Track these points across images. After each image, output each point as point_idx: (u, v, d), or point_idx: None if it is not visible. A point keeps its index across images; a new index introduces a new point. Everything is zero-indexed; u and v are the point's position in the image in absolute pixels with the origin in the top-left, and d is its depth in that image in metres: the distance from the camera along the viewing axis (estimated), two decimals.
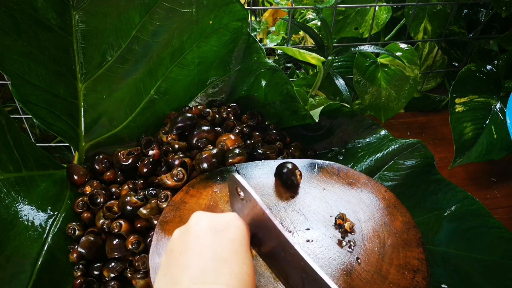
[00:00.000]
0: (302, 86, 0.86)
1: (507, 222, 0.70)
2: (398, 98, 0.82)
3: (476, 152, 0.73)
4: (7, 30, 0.52)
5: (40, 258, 0.48)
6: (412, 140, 0.58)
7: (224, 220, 0.32)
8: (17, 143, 0.53)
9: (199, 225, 0.31)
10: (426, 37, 0.91)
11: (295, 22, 0.84)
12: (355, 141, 0.64)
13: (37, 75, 0.56)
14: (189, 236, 0.31)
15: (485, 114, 0.76)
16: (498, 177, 0.80)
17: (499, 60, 0.82)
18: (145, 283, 0.47)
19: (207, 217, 0.32)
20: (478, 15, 0.97)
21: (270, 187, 0.48)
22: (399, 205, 0.46)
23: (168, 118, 0.66)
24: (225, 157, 0.54)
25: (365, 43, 0.86)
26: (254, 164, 0.52)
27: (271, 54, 1.14)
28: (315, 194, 0.48)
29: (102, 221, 0.52)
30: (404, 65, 0.80)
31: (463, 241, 0.51)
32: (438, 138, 0.91)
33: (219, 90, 0.70)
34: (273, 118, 0.69)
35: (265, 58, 0.65)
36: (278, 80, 0.64)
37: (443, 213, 0.54)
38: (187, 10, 0.60)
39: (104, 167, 0.59)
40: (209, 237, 0.30)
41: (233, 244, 0.30)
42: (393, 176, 0.57)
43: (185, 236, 0.31)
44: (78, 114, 0.62)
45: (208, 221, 0.32)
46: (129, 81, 0.62)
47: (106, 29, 0.58)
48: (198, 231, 0.31)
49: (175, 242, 0.32)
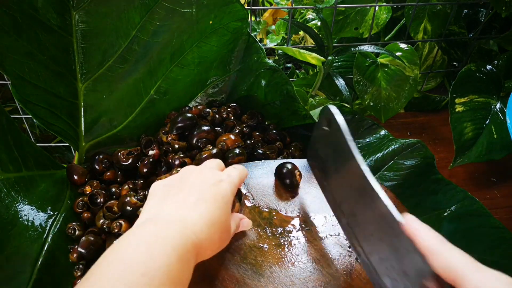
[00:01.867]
0: (302, 86, 0.86)
1: (507, 222, 0.70)
2: (398, 98, 0.82)
3: (476, 152, 0.73)
4: (7, 30, 0.52)
5: (40, 258, 0.48)
6: (412, 140, 0.58)
7: (218, 178, 0.38)
8: (17, 143, 0.53)
9: (197, 175, 0.38)
10: (426, 37, 0.91)
11: (295, 22, 0.84)
12: (355, 141, 0.64)
13: (37, 75, 0.56)
14: (186, 179, 0.38)
15: (485, 114, 0.76)
16: (498, 177, 0.80)
17: (499, 60, 0.82)
18: None
19: (205, 171, 0.39)
20: (478, 15, 0.97)
21: (270, 187, 0.48)
22: (399, 205, 0.46)
23: (168, 118, 0.66)
24: (225, 157, 0.54)
25: (365, 43, 0.86)
26: (254, 164, 0.52)
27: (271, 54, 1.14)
28: (315, 194, 0.48)
29: (102, 221, 0.52)
30: (404, 65, 0.80)
31: (463, 241, 0.51)
32: (438, 138, 0.91)
33: (219, 90, 0.70)
34: (273, 118, 0.69)
35: (265, 58, 0.65)
36: (278, 80, 0.64)
37: (443, 213, 0.54)
38: (187, 10, 0.60)
39: (104, 167, 0.59)
40: (200, 186, 0.37)
41: (217, 196, 0.36)
42: (393, 176, 0.57)
43: (183, 178, 0.38)
44: (78, 114, 0.62)
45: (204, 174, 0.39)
46: (129, 81, 0.62)
47: (106, 29, 0.58)
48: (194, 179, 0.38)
49: (175, 180, 0.39)
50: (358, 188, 0.35)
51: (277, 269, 0.38)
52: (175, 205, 0.35)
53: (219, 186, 0.37)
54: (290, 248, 0.41)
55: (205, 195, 0.36)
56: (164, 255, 0.28)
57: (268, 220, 0.44)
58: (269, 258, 0.39)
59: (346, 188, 0.38)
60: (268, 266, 0.39)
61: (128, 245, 0.29)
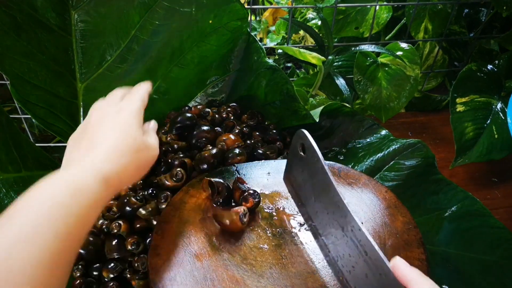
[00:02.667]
0: (302, 86, 0.86)
1: (508, 222, 0.70)
2: (398, 98, 0.82)
3: (477, 152, 0.73)
4: (7, 30, 0.52)
5: None
6: (412, 140, 0.58)
7: (120, 107, 0.41)
8: (17, 143, 0.53)
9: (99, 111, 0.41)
10: (426, 36, 0.91)
11: (295, 22, 0.83)
12: (356, 141, 0.64)
13: (37, 75, 0.56)
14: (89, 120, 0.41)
15: (486, 114, 0.76)
16: (499, 177, 0.80)
17: (500, 60, 0.82)
18: (144, 284, 0.47)
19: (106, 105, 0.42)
20: (479, 14, 0.97)
21: (270, 187, 0.48)
22: (399, 205, 0.46)
23: (168, 118, 0.66)
24: (225, 157, 0.54)
25: (366, 43, 0.86)
26: (254, 164, 0.52)
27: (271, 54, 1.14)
28: None
29: (101, 222, 0.51)
30: (405, 65, 0.80)
31: (463, 241, 0.51)
32: (438, 138, 0.91)
33: (219, 90, 0.69)
34: (273, 118, 0.69)
35: (265, 57, 0.65)
36: (278, 80, 0.64)
37: (444, 213, 0.54)
38: (187, 10, 0.60)
39: None
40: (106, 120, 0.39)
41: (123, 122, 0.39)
42: (393, 176, 0.57)
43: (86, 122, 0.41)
44: (77, 113, 0.62)
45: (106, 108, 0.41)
46: (128, 81, 0.62)
47: (105, 28, 0.58)
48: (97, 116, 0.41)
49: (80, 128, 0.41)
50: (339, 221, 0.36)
51: (277, 270, 0.38)
52: (79, 153, 0.38)
53: (119, 115, 0.39)
54: (290, 248, 0.40)
55: (105, 129, 0.38)
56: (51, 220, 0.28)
57: (268, 221, 0.44)
58: (269, 258, 0.39)
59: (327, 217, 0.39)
60: (268, 267, 0.38)
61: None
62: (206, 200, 0.46)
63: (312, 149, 0.38)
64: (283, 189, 0.48)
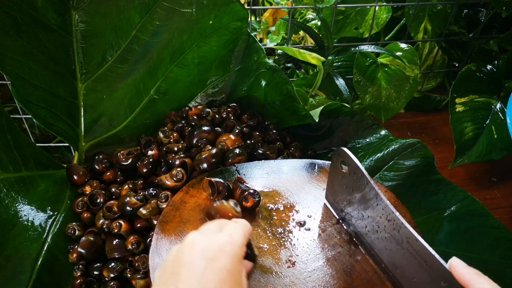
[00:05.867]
0: (302, 86, 0.86)
1: (508, 222, 0.70)
2: (398, 98, 0.82)
3: (477, 152, 0.73)
4: (7, 30, 0.52)
5: (40, 258, 0.48)
6: (412, 140, 0.58)
7: (218, 246, 0.32)
8: (17, 143, 0.53)
9: (192, 251, 0.31)
10: (426, 37, 0.91)
11: (295, 22, 0.83)
12: (355, 141, 0.64)
13: (37, 75, 0.56)
14: (181, 260, 0.31)
15: (485, 114, 0.76)
16: (498, 177, 0.80)
17: (499, 60, 0.82)
18: (144, 283, 0.47)
19: (201, 241, 0.32)
20: (478, 15, 0.97)
21: (270, 187, 0.48)
22: (399, 205, 0.46)
23: (168, 118, 0.66)
24: (225, 157, 0.54)
25: (365, 43, 0.86)
26: (254, 164, 0.52)
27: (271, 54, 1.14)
28: (315, 194, 0.48)
29: (102, 221, 0.51)
30: (404, 65, 0.80)
31: (463, 241, 0.51)
32: (438, 138, 0.91)
33: (219, 90, 0.70)
34: (273, 118, 0.69)
35: (265, 58, 0.65)
36: (278, 80, 0.64)
37: (443, 213, 0.54)
38: (187, 10, 0.60)
39: (104, 167, 0.59)
40: (199, 265, 0.30)
41: (221, 273, 0.30)
42: (393, 176, 0.57)
43: (177, 259, 0.31)
44: (78, 114, 0.62)
45: (201, 246, 0.32)
46: (129, 81, 0.62)
47: (106, 29, 0.58)
48: (189, 256, 0.31)
49: (169, 263, 0.32)
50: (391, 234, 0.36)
51: (277, 269, 0.38)
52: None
53: (218, 260, 0.31)
54: (290, 248, 0.41)
55: (205, 278, 0.29)
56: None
57: (268, 220, 0.44)
58: (269, 258, 0.39)
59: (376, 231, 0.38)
60: (268, 266, 0.39)
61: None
62: (206, 200, 0.46)
63: (355, 166, 0.39)
64: (283, 189, 0.48)
